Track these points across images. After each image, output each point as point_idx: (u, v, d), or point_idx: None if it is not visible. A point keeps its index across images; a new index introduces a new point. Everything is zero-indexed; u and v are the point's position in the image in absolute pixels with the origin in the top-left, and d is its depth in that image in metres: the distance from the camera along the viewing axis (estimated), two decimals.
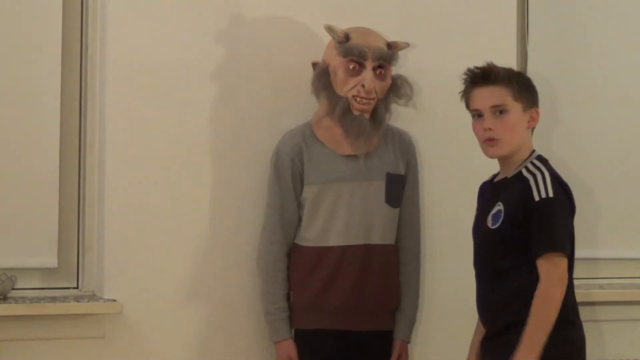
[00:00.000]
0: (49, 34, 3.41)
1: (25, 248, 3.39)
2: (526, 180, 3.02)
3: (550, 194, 2.98)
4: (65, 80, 3.44)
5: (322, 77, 3.40)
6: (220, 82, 3.50)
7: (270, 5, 3.55)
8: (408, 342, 3.51)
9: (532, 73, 3.96)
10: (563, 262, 2.97)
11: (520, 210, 3.00)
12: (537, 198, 2.99)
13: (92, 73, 3.44)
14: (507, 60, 3.83)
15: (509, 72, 3.12)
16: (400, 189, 3.47)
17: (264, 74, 3.54)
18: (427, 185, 3.64)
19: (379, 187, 3.41)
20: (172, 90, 3.44)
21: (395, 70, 3.47)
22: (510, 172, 3.09)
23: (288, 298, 3.41)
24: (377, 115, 3.39)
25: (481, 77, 3.08)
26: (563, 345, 3.00)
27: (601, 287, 4.02)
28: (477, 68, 3.10)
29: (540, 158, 3.10)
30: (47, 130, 3.40)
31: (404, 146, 3.50)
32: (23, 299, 3.30)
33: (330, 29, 3.38)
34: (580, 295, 3.90)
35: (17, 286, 3.33)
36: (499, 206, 3.05)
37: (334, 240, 3.37)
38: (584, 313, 3.90)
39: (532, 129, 3.14)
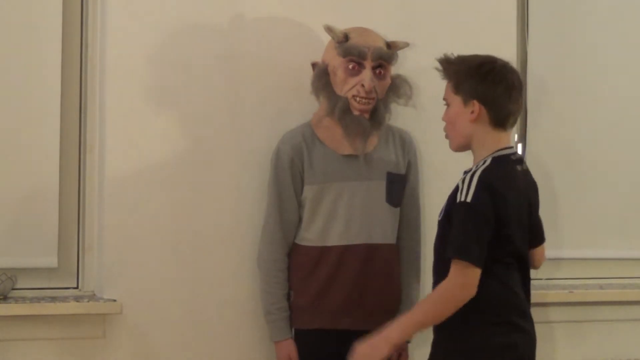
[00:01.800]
0: (49, 34, 3.41)
1: (25, 248, 3.39)
2: (461, 179, 2.99)
3: (469, 199, 2.91)
4: (65, 80, 3.44)
5: (322, 77, 3.40)
6: (220, 82, 3.50)
7: (270, 5, 3.55)
8: (408, 342, 3.51)
9: (532, 72, 3.98)
10: (469, 269, 2.89)
11: (450, 208, 2.99)
12: (458, 199, 2.94)
13: (92, 73, 3.44)
14: (507, 58, 3.84)
15: (453, 63, 3.07)
16: (400, 188, 3.47)
17: (264, 74, 3.54)
18: (427, 185, 3.64)
19: (380, 187, 3.41)
20: (172, 90, 3.45)
21: (395, 70, 3.47)
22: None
23: (288, 298, 3.41)
24: (377, 115, 3.39)
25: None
26: (502, 350, 2.96)
27: (601, 287, 4.02)
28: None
29: (493, 159, 2.99)
30: (47, 130, 3.40)
31: (405, 146, 3.50)
32: (23, 299, 3.30)
33: (329, 29, 3.38)
34: (580, 295, 3.93)
35: (17, 286, 3.33)
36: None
37: (335, 240, 3.37)
38: (585, 313, 3.92)
39: (493, 123, 3.01)
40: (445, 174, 3.68)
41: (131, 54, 3.40)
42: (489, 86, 3.01)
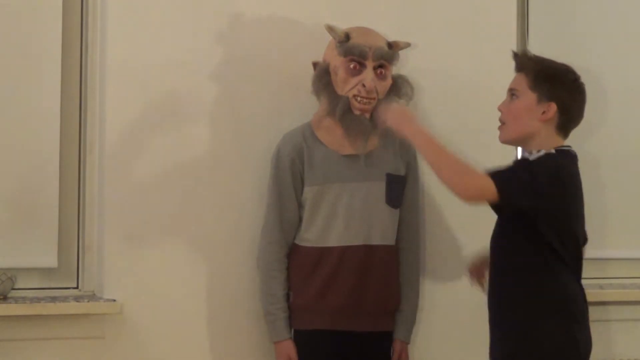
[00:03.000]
0: (49, 34, 3.41)
1: (25, 248, 3.39)
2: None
3: (531, 158, 2.98)
4: (65, 80, 3.44)
5: (323, 77, 3.39)
6: (221, 82, 3.50)
7: (270, 5, 3.55)
8: (408, 342, 3.50)
9: None
10: (491, 187, 2.87)
11: None
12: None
13: (92, 73, 3.44)
14: (507, 58, 3.84)
15: (534, 60, 3.13)
16: (400, 189, 3.47)
17: (264, 74, 3.54)
18: (427, 186, 3.64)
19: (379, 188, 3.41)
20: (172, 90, 3.44)
21: (396, 70, 3.46)
22: None
23: (288, 298, 3.41)
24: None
25: (514, 63, 3.15)
26: (564, 346, 3.01)
27: (601, 287, 4.02)
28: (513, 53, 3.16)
29: (557, 150, 3.04)
30: (47, 131, 3.40)
31: (404, 147, 3.49)
32: (23, 299, 3.30)
33: (330, 29, 3.38)
34: None
35: (17, 286, 3.33)
36: None
37: (334, 240, 3.37)
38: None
39: (559, 127, 3.08)
40: None
41: (131, 54, 3.40)
42: (571, 95, 3.10)
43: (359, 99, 3.35)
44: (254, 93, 3.53)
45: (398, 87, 3.43)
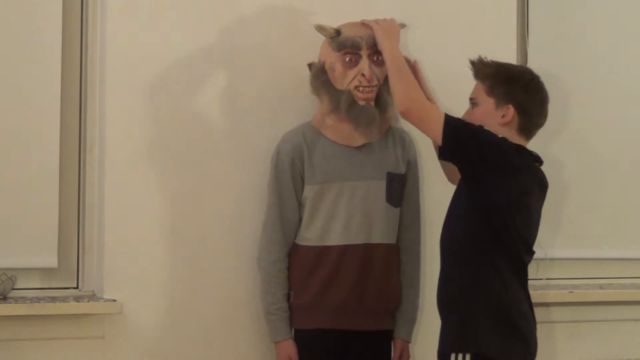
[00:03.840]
0: (49, 34, 3.40)
1: (25, 248, 3.39)
2: None
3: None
4: (65, 80, 3.44)
5: (320, 76, 3.40)
6: (221, 82, 3.50)
7: (271, 4, 3.55)
8: (409, 341, 3.50)
9: None
10: (437, 114, 3.06)
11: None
12: None
13: (92, 73, 3.44)
14: (507, 58, 3.84)
15: (490, 66, 3.15)
16: (400, 188, 3.47)
17: (264, 74, 3.54)
18: (427, 185, 3.64)
19: (380, 187, 3.41)
20: (172, 90, 3.44)
21: None
22: None
23: (288, 298, 3.40)
24: (381, 101, 3.39)
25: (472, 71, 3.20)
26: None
27: (601, 287, 4.02)
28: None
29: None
30: (47, 130, 3.40)
31: (405, 146, 3.50)
32: (23, 299, 3.29)
33: (320, 28, 3.39)
34: (580, 295, 3.92)
35: (17, 286, 3.33)
36: None
37: (334, 239, 3.37)
38: (585, 313, 3.91)
39: (520, 129, 3.11)
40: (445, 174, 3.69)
41: (131, 54, 3.40)
42: (528, 95, 3.12)
43: (360, 89, 3.36)
44: (254, 93, 3.53)
45: None
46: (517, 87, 3.11)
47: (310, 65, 3.45)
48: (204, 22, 3.48)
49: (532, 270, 4.00)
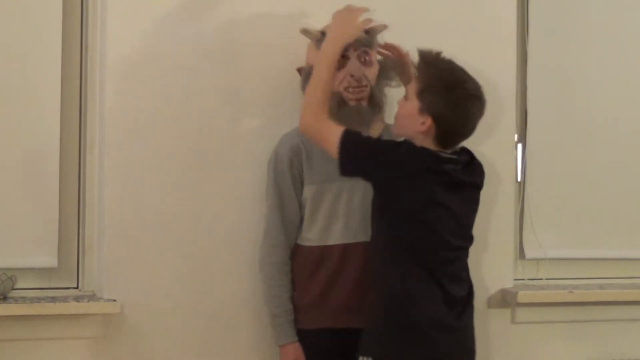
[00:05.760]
0: (49, 34, 3.41)
1: (25, 248, 3.39)
2: None
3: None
4: (65, 80, 3.44)
5: (309, 79, 3.39)
6: (220, 84, 3.50)
7: (270, 6, 3.55)
8: None
9: (532, 72, 3.98)
10: (335, 131, 3.08)
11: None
12: None
13: (92, 73, 3.44)
14: (507, 59, 3.84)
15: (431, 66, 3.10)
16: None
17: (262, 76, 3.53)
18: None
19: None
20: (172, 91, 3.44)
21: None
22: None
23: (291, 300, 3.40)
24: (374, 100, 3.38)
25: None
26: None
27: (601, 287, 4.01)
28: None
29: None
30: (47, 130, 3.40)
31: None
32: (23, 299, 3.30)
33: (305, 32, 3.39)
34: (580, 295, 3.92)
35: (17, 286, 3.33)
36: None
37: (335, 238, 3.37)
38: (585, 313, 3.90)
39: (437, 139, 3.06)
40: None
41: (131, 54, 3.40)
42: (452, 112, 3.04)
43: (350, 89, 3.35)
44: (252, 95, 3.52)
45: (386, 71, 3.44)
46: (444, 101, 3.04)
47: (299, 70, 3.45)
48: (204, 22, 3.48)
49: (532, 270, 4.02)
